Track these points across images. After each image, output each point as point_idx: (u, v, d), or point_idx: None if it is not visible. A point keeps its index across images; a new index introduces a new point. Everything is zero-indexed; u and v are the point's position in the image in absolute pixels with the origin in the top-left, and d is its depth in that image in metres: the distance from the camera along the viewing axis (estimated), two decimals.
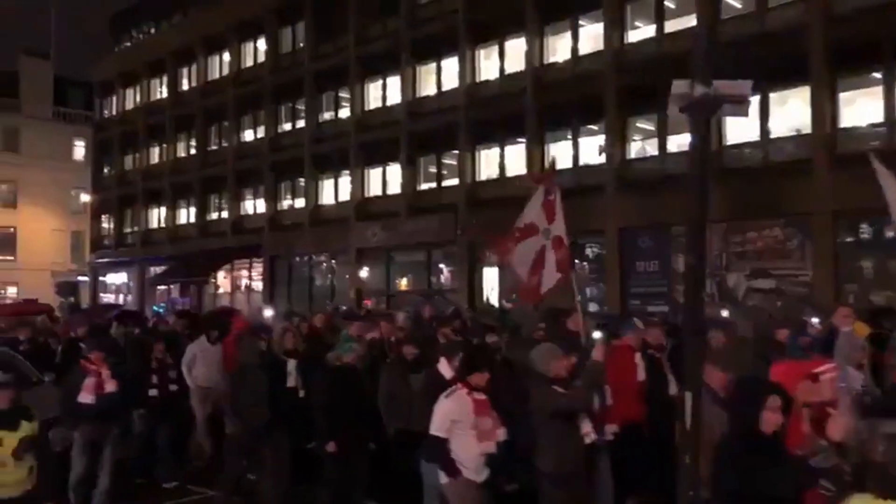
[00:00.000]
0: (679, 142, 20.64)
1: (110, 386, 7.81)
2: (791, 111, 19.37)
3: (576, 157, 23.29)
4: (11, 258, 50.39)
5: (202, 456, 10.45)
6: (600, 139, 22.75)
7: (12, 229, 50.88)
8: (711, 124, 3.65)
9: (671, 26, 21.16)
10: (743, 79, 3.89)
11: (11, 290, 47.51)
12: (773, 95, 18.77)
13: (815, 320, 9.46)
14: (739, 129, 19.38)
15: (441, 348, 7.72)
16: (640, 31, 22.32)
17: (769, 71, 17.72)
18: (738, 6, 20.39)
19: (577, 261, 23.56)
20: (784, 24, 18.73)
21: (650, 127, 22.16)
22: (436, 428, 5.89)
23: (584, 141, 23.36)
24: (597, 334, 7.71)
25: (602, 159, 22.44)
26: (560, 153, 23.83)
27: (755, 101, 17.85)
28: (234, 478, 8.27)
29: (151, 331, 12.63)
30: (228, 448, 8.43)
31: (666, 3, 21.56)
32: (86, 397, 7.73)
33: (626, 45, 22.28)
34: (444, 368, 6.98)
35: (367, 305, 25.48)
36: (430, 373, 7.31)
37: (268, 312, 18.82)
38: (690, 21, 20.45)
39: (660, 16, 21.52)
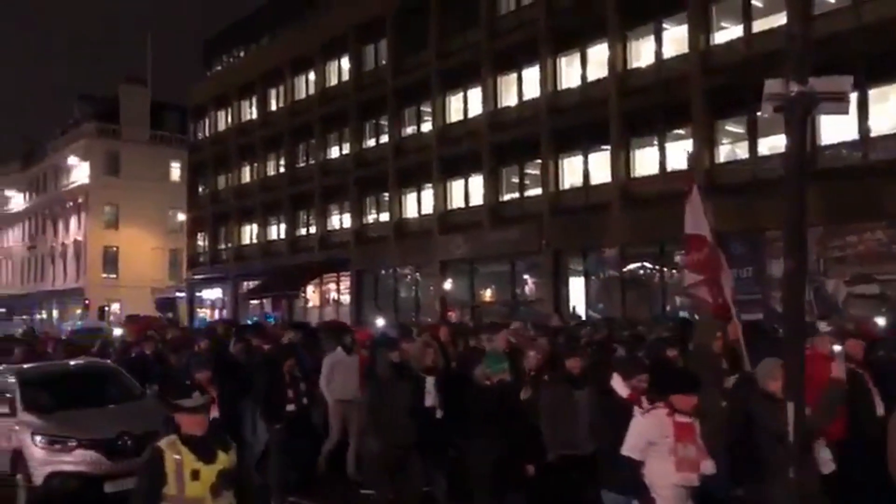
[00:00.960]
0: (770, 144, 19.93)
1: (212, 411, 7.40)
2: (892, 108, 18.44)
3: (662, 163, 22.82)
4: (114, 276, 53.07)
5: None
6: (687, 144, 22.21)
7: (115, 248, 53.61)
8: (806, 123, 3.50)
9: (759, 25, 20.51)
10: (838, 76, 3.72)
11: (115, 307, 49.91)
12: (872, 92, 17.93)
13: None
14: (836, 129, 18.56)
15: (615, 363, 6.91)
16: (727, 32, 21.73)
17: (867, 66, 16.94)
18: (832, 0, 19.59)
19: (664, 268, 23.12)
20: (881, 17, 17.87)
21: (740, 130, 21.49)
22: (629, 448, 5.36)
23: (670, 146, 22.85)
24: (836, 347, 6.41)
25: (690, 164, 21.88)
26: (645, 159, 23.49)
27: (853, 98, 17.09)
28: (386, 500, 7.89)
29: (276, 345, 12.26)
30: (371, 468, 8.10)
31: (753, 1, 20.93)
32: None
33: (713, 46, 21.73)
34: (619, 386, 6.25)
35: (451, 317, 25.57)
36: (599, 390, 6.52)
37: (379, 324, 18.76)
38: (780, 19, 19.69)
39: (747, 15, 20.90)
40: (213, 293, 44.77)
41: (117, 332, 20.02)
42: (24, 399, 9.61)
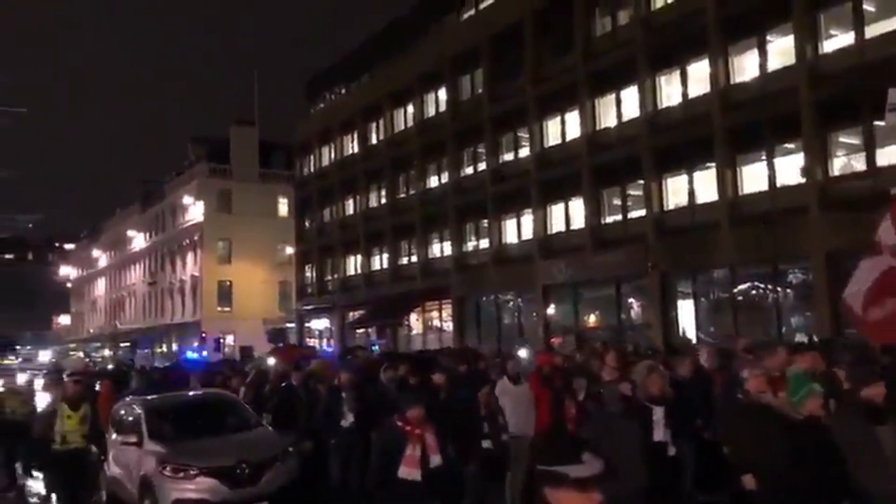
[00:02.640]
0: (890, 155, 18.87)
1: (436, 458, 6.02)
2: None
3: (771, 178, 21.95)
4: (228, 309, 55.30)
5: None
6: (798, 158, 21.29)
7: (228, 282, 55.93)
8: None
9: (872, 31, 19.56)
10: None
11: (229, 339, 51.96)
12: None
13: None
14: None
15: None
16: (837, 40, 20.82)
17: None
18: None
19: (778, 289, 22.12)
20: None
21: (855, 141, 20.46)
22: None
23: (779, 161, 21.97)
24: None
25: (802, 179, 20.94)
26: (754, 175, 22.65)
27: None
28: None
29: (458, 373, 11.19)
30: None
31: (865, 6, 19.98)
32: (410, 472, 5.89)
33: (821, 55, 20.85)
34: None
35: (555, 344, 25.25)
36: None
37: (522, 352, 17.94)
38: (894, 23, 18.80)
39: (859, 21, 19.96)
40: (320, 323, 45.91)
41: (270, 361, 19.69)
42: (149, 429, 10.09)
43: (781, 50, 21.95)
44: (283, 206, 56.10)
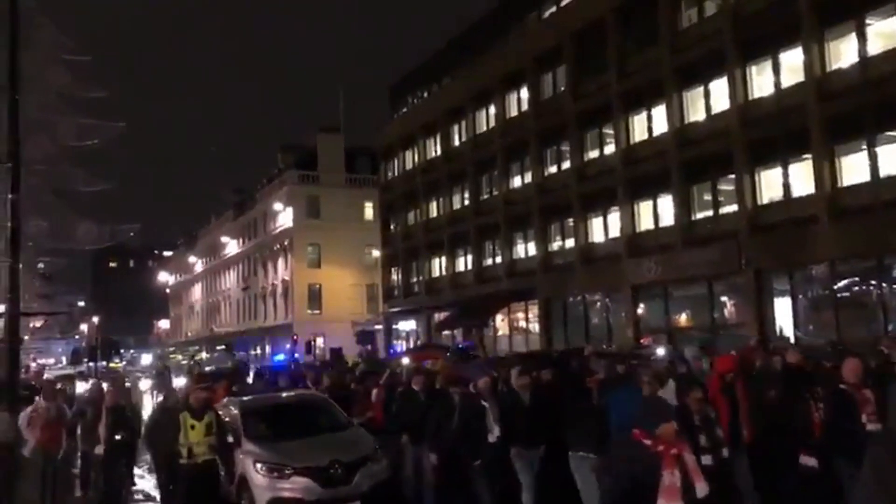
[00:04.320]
0: None
1: (702, 485, 4.91)
2: None
3: (874, 169, 20.86)
4: (318, 312, 56.56)
5: None
6: None
7: (318, 286, 57.22)
8: None
9: None
10: None
11: (320, 341, 53.09)
12: None
13: None
14: None
15: None
16: None
17: None
18: None
19: (883, 284, 21.00)
20: None
21: None
22: None
23: (882, 150, 20.85)
24: None
25: None
26: (854, 166, 21.60)
27: None
28: None
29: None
30: None
31: None
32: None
33: None
34: None
35: (645, 343, 24.70)
36: None
37: (660, 351, 16.44)
38: None
39: None
40: (407, 325, 46.37)
41: (405, 361, 17.80)
42: (246, 429, 10.39)
43: (884, 33, 20.84)
44: (369, 210, 56.95)
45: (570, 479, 8.63)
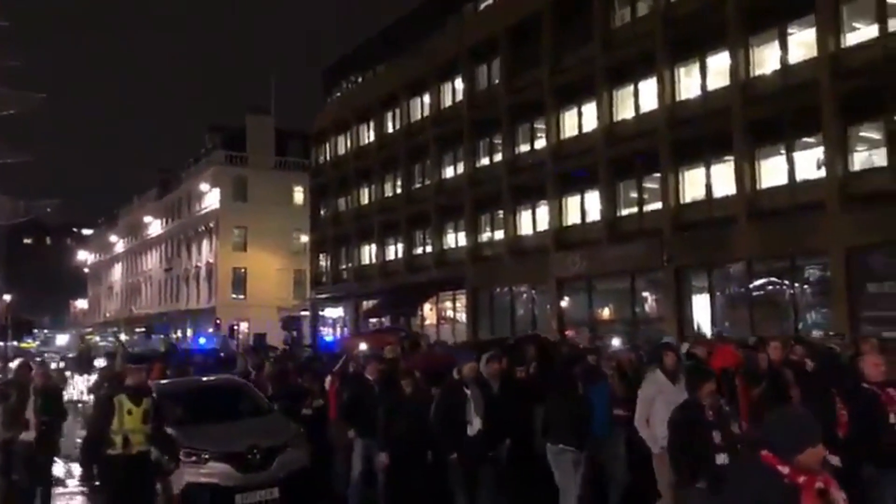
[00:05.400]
0: None
1: None
2: None
3: (791, 173, 21.72)
4: (242, 296, 55.58)
5: None
6: (818, 152, 21.06)
7: (243, 270, 56.22)
8: None
9: (895, 24, 19.26)
10: None
11: (243, 326, 52.19)
12: None
13: None
14: None
15: None
16: (860, 33, 20.52)
17: None
18: None
19: (795, 284, 21.93)
20: None
21: (876, 136, 20.20)
22: None
23: (799, 155, 21.72)
24: None
25: (821, 173, 20.72)
26: (772, 169, 22.43)
27: None
28: None
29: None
30: None
31: None
32: None
33: (843, 49, 20.56)
34: None
35: (569, 337, 25.15)
36: None
37: (615, 342, 15.86)
38: None
39: (882, 13, 19.67)
40: (335, 312, 46.04)
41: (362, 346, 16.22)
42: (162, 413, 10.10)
43: (803, 42, 21.68)
44: (299, 195, 56.24)
45: (539, 474, 8.47)
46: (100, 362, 19.68)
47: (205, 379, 12.61)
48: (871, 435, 6.40)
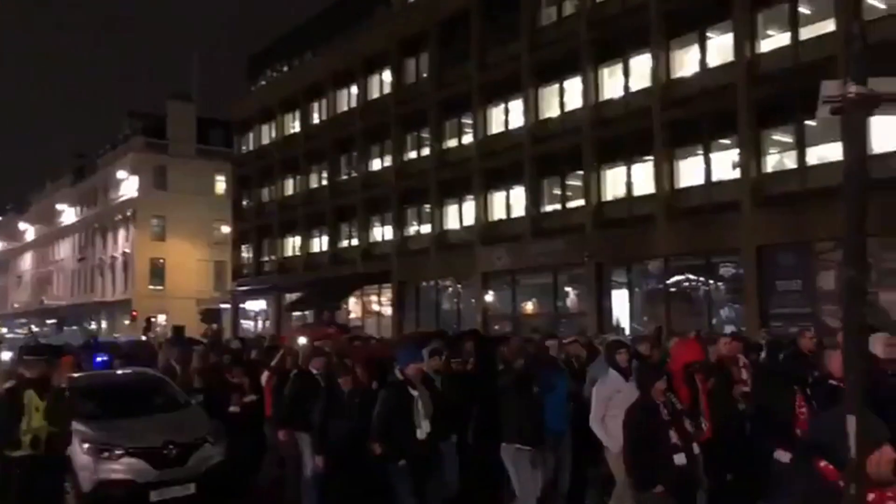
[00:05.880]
0: (819, 154, 19.52)
1: None
2: None
3: (707, 173, 22.47)
4: (161, 287, 54.03)
5: None
6: (733, 154, 21.85)
7: (162, 260, 54.63)
8: (867, 125, 3.35)
9: (807, 33, 20.13)
10: None
11: (161, 318, 50.74)
12: None
13: None
14: (886, 137, 18.09)
15: None
16: (774, 40, 21.35)
17: None
18: (883, 7, 19.14)
19: (710, 281, 22.72)
20: None
21: (787, 139, 21.07)
22: None
23: (715, 156, 22.49)
24: None
25: (736, 175, 21.51)
26: (690, 170, 23.16)
27: None
28: None
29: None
30: None
31: (800, 9, 20.55)
32: None
33: (759, 55, 21.37)
34: None
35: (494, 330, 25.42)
36: None
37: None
38: (828, 26, 19.40)
39: (794, 22, 20.52)
40: (257, 305, 45.27)
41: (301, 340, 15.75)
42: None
43: (721, 47, 22.42)
44: (221, 184, 55.00)
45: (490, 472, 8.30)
46: (6, 355, 18.68)
47: (119, 372, 12.21)
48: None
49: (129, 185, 55.19)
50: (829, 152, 18.86)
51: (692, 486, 6.04)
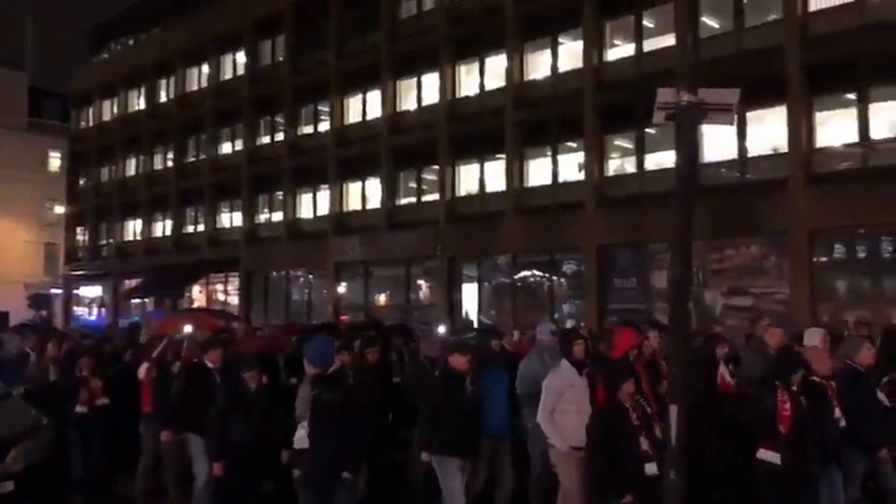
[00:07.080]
0: (656, 160, 20.78)
1: None
2: (768, 130, 19.57)
3: (555, 174, 23.37)
4: None
5: None
6: (579, 156, 22.84)
7: None
8: (696, 130, 3.60)
9: (649, 45, 21.34)
10: None
11: None
12: (749, 114, 18.92)
13: None
14: (716, 148, 19.57)
15: None
16: (619, 50, 22.48)
17: (746, 90, 17.67)
18: (716, 26, 20.63)
19: (553, 277, 23.70)
20: (761, 44, 18.95)
21: (628, 145, 22.28)
22: None
23: (562, 158, 23.44)
24: None
25: (581, 176, 22.52)
26: (539, 170, 24.01)
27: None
28: None
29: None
30: None
31: (645, 22, 21.76)
32: None
33: (605, 63, 22.42)
34: None
35: (344, 321, 25.24)
36: None
37: (441, 330, 14.34)
38: (668, 40, 20.64)
39: (638, 34, 21.70)
40: (92, 291, 42.58)
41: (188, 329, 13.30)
42: None
43: (572, 53, 23.35)
44: (55, 161, 51.12)
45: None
46: None
47: None
48: (818, 432, 6.10)
49: None
50: (665, 159, 20.13)
51: (660, 499, 5.35)
